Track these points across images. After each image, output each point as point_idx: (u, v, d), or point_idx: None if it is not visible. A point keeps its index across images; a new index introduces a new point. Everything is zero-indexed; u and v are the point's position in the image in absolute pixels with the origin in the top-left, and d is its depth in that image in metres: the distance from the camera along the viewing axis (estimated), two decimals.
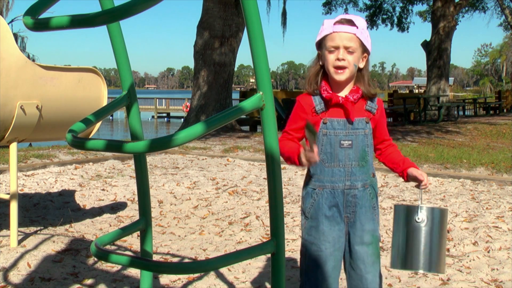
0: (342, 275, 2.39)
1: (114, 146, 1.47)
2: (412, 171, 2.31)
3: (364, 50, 2.26)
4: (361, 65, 2.28)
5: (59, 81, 4.22)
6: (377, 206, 2.36)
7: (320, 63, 2.31)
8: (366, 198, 2.30)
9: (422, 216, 2.16)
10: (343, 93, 2.28)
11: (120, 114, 44.26)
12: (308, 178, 2.34)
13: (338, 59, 2.22)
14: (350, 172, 2.27)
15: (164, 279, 3.56)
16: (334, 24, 2.24)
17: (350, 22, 2.22)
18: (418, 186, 2.33)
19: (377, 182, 2.39)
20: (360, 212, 2.30)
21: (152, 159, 8.49)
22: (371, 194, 2.32)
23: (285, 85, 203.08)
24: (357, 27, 2.21)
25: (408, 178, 2.34)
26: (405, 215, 2.20)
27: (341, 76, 2.23)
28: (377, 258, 2.35)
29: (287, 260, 3.96)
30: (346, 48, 2.21)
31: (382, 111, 2.36)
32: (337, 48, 2.22)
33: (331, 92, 2.27)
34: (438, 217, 2.20)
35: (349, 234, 2.33)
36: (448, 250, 4.20)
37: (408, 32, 27.69)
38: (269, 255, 1.66)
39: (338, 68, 2.23)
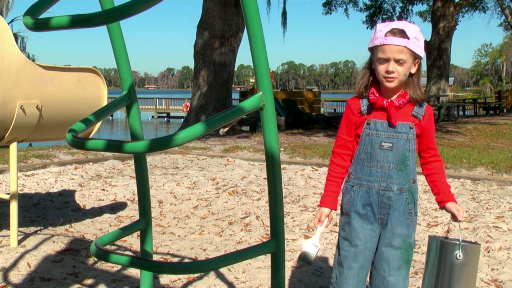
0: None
1: (114, 146, 1.47)
2: (451, 207, 2.36)
3: (417, 57, 2.27)
4: (413, 71, 2.30)
5: (59, 81, 4.22)
6: (414, 213, 2.36)
7: (373, 66, 2.33)
8: (401, 202, 2.32)
9: (462, 254, 2.20)
10: (390, 97, 2.31)
11: (120, 114, 44.26)
12: (349, 176, 2.40)
13: (388, 71, 2.24)
14: (387, 174, 2.30)
15: (164, 279, 3.56)
16: (386, 35, 2.23)
17: (402, 33, 2.22)
18: (453, 219, 2.37)
19: (417, 189, 2.41)
20: (393, 215, 2.32)
21: (152, 159, 8.49)
22: (407, 199, 2.33)
23: (285, 85, 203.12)
24: (409, 38, 2.21)
25: (444, 209, 2.40)
26: (442, 250, 2.24)
27: (390, 84, 2.27)
28: (405, 263, 2.36)
29: (287, 260, 3.96)
30: (396, 60, 2.23)
31: (430, 118, 2.36)
32: (387, 60, 2.24)
33: (377, 95, 2.30)
34: (475, 254, 2.25)
35: (380, 235, 2.36)
36: None
37: None
38: (269, 255, 1.66)
39: (387, 78, 2.26)
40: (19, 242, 4.25)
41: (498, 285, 3.51)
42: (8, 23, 7.56)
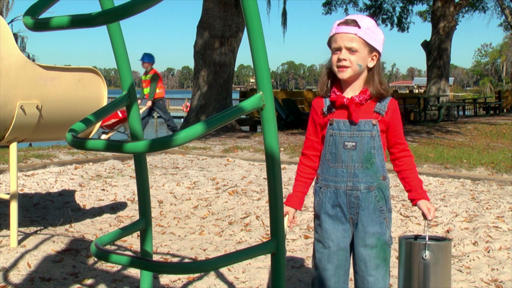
0: (351, 275, 2.42)
1: (114, 146, 1.47)
2: (421, 205, 2.33)
3: (372, 49, 2.26)
4: (370, 65, 2.28)
5: (59, 81, 4.22)
6: (386, 210, 2.34)
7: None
8: (371, 200, 2.30)
9: (429, 253, 2.19)
10: (352, 94, 2.29)
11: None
12: (317, 177, 2.39)
13: (339, 60, 2.24)
14: (353, 173, 2.28)
15: (164, 279, 3.56)
16: (338, 25, 2.26)
17: (353, 22, 2.23)
18: (424, 218, 2.36)
19: (389, 185, 2.38)
20: (362, 214, 2.30)
21: (152, 159, 8.49)
22: (377, 197, 2.31)
23: (285, 85, 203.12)
24: (360, 27, 2.21)
25: (416, 206, 2.39)
26: (410, 251, 2.23)
27: (343, 74, 2.25)
28: (382, 262, 2.34)
29: (287, 260, 3.96)
30: (347, 48, 2.22)
31: (394, 112, 2.33)
32: (339, 49, 2.24)
33: (338, 93, 2.29)
34: (444, 251, 2.23)
35: (353, 234, 2.35)
36: None
37: (408, 32, 27.70)
38: (269, 255, 1.66)
39: (339, 67, 2.25)
40: (19, 242, 4.25)
41: (498, 285, 3.51)
42: (8, 23, 7.55)
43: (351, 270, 2.42)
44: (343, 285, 2.36)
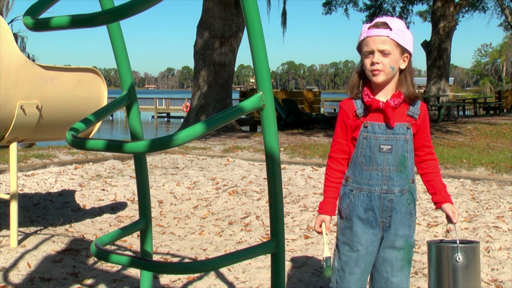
0: None
1: (114, 146, 1.47)
2: (446, 209, 2.34)
3: (403, 51, 2.25)
4: (402, 66, 2.27)
5: (59, 81, 4.22)
6: (414, 212, 2.35)
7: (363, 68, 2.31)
8: (403, 203, 2.30)
9: (461, 255, 2.19)
10: (385, 97, 2.27)
11: (120, 114, 44.26)
12: (346, 179, 2.36)
13: (372, 63, 2.22)
14: (388, 176, 2.28)
15: (164, 279, 3.56)
16: (368, 28, 2.24)
17: (384, 25, 2.22)
18: (448, 220, 2.37)
19: (416, 188, 2.39)
20: (395, 217, 2.30)
21: (152, 159, 8.49)
22: (408, 200, 2.31)
23: (285, 85, 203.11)
24: (391, 29, 2.20)
25: (440, 209, 2.39)
26: (440, 255, 2.23)
27: (377, 78, 2.24)
28: (407, 263, 2.35)
29: (287, 260, 3.96)
30: (380, 51, 2.21)
31: (425, 116, 2.34)
32: (372, 52, 2.23)
33: (372, 97, 2.27)
34: (475, 253, 2.23)
35: (382, 238, 2.34)
36: None
37: None
38: (269, 255, 1.66)
39: (373, 71, 2.24)
40: (19, 242, 4.25)
41: (498, 285, 3.51)
42: (8, 23, 7.56)
43: None
44: (364, 286, 2.37)
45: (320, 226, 2.37)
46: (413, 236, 2.37)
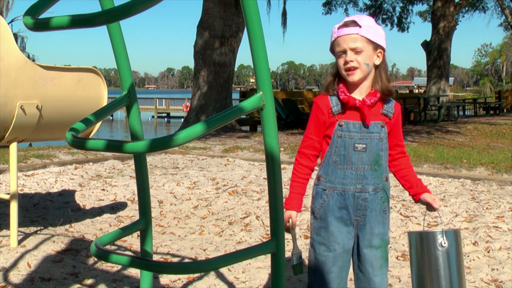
0: (351, 275, 2.40)
1: (114, 146, 1.47)
2: (426, 197, 2.33)
3: (376, 46, 2.24)
4: (377, 62, 2.26)
5: (59, 81, 4.22)
6: (388, 210, 2.35)
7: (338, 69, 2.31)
8: (377, 202, 2.30)
9: (445, 241, 2.15)
10: (361, 95, 2.26)
11: (120, 114, 44.26)
12: (318, 178, 2.34)
13: (346, 62, 2.21)
14: (362, 175, 2.26)
15: (164, 279, 3.56)
16: (338, 28, 2.24)
17: (353, 23, 2.21)
18: (429, 210, 2.35)
19: (390, 186, 2.38)
20: (370, 216, 2.29)
21: (152, 159, 8.49)
22: (382, 198, 2.31)
23: (285, 85, 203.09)
24: (361, 26, 2.19)
25: (419, 201, 2.37)
26: (423, 242, 2.19)
27: (353, 77, 2.23)
28: (385, 261, 2.35)
29: (287, 260, 3.95)
30: (352, 49, 2.20)
31: (398, 116, 2.33)
32: (344, 52, 2.22)
33: (348, 94, 2.26)
34: (458, 238, 2.20)
35: (358, 236, 2.32)
36: None
37: (408, 32, 27.69)
38: (269, 255, 1.66)
39: (348, 70, 2.23)
40: (19, 242, 4.25)
41: (498, 285, 3.51)
42: (8, 23, 7.56)
43: (350, 271, 2.41)
44: (344, 285, 2.36)
45: (287, 222, 2.32)
46: (388, 234, 2.35)
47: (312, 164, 2.36)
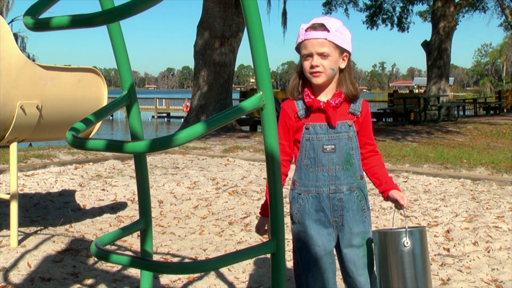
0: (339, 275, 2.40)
1: (114, 146, 1.47)
2: (394, 194, 2.30)
3: (342, 51, 2.24)
4: (342, 66, 2.26)
5: (59, 81, 4.23)
6: (367, 208, 2.33)
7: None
8: (353, 201, 2.29)
9: (409, 241, 2.12)
10: (326, 97, 2.27)
11: (120, 114, 44.27)
12: (293, 183, 2.34)
13: (312, 66, 2.21)
14: (334, 176, 2.26)
15: (164, 279, 3.56)
16: (306, 30, 2.22)
17: (322, 27, 2.19)
18: (396, 207, 2.33)
19: (366, 184, 2.37)
20: (347, 216, 2.28)
21: (152, 159, 8.49)
22: (358, 196, 2.30)
23: (285, 85, 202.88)
24: (329, 31, 2.18)
25: (388, 199, 2.34)
26: (387, 241, 2.15)
27: (317, 80, 2.23)
28: (370, 260, 2.33)
29: (287, 260, 3.96)
30: (319, 54, 2.20)
31: (366, 114, 2.33)
32: (310, 55, 2.21)
33: (312, 97, 2.26)
34: (423, 237, 2.16)
35: (338, 237, 2.32)
36: (448, 250, 4.21)
37: (408, 32, 27.71)
38: (269, 255, 1.66)
39: (313, 73, 2.22)
40: (19, 242, 4.25)
41: (498, 285, 3.51)
42: (8, 23, 7.56)
43: (338, 272, 2.41)
44: (333, 286, 2.35)
45: (265, 229, 2.34)
46: (369, 232, 2.33)
47: (285, 169, 2.35)
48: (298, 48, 2.27)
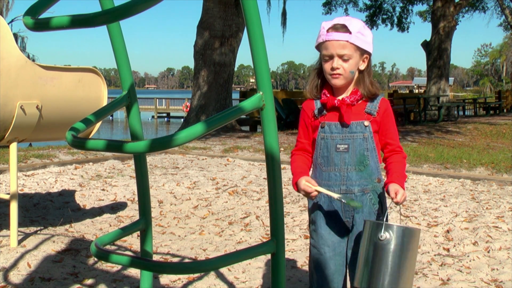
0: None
1: (114, 146, 1.47)
2: (391, 187, 2.21)
3: (363, 52, 2.22)
4: (362, 67, 2.25)
5: (59, 81, 4.22)
6: (381, 214, 2.27)
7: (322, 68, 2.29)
8: (365, 203, 2.25)
9: (386, 235, 2.07)
10: (342, 96, 2.27)
11: (120, 114, 44.26)
12: None
13: (332, 68, 2.20)
14: (346, 176, 2.24)
15: (164, 279, 3.56)
16: (328, 31, 2.19)
17: (343, 28, 2.17)
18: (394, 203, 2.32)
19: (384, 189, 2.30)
20: (357, 217, 2.27)
21: (152, 159, 8.49)
22: (372, 200, 2.26)
23: (285, 85, 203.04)
24: (351, 33, 2.16)
25: (387, 192, 2.29)
26: (371, 230, 2.12)
27: (337, 82, 2.23)
28: None
29: (287, 260, 3.96)
30: (340, 56, 2.18)
31: (385, 112, 2.28)
32: (331, 57, 2.20)
33: (328, 96, 2.26)
34: (405, 237, 2.09)
35: (348, 238, 2.31)
36: (448, 250, 4.21)
37: (408, 32, 27.71)
38: (269, 255, 1.66)
39: (333, 75, 2.22)
40: (19, 242, 4.25)
41: (498, 285, 3.51)
42: (8, 23, 7.55)
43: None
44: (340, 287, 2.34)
45: (309, 188, 2.21)
46: None
47: (307, 159, 2.34)
48: (319, 48, 2.26)
